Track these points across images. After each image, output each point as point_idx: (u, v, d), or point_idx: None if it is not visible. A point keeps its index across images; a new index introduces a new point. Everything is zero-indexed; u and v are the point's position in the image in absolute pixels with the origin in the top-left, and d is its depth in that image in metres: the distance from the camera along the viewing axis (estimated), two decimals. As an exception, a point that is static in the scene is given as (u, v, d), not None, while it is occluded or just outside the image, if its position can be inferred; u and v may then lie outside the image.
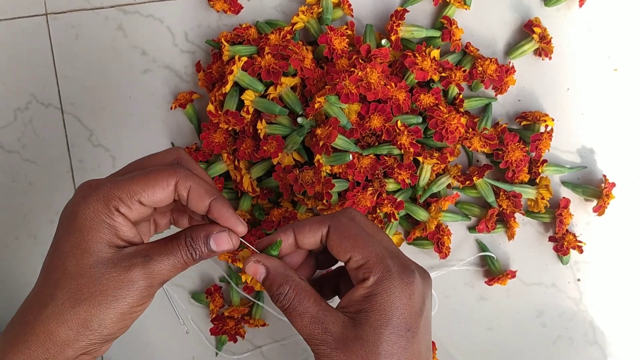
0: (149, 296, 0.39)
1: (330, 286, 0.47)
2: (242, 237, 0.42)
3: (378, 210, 0.58)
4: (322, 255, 0.47)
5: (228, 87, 0.58)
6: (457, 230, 0.63)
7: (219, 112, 0.59)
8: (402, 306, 0.39)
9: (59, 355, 0.38)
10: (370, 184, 0.57)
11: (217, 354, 0.66)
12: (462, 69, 0.59)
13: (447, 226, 0.61)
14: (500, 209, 0.60)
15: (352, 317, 0.40)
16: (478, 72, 0.58)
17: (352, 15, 0.62)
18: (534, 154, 0.60)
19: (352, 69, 0.55)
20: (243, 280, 0.62)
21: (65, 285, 0.38)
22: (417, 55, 0.57)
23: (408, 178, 0.57)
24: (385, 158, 0.58)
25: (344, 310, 0.40)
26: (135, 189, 0.38)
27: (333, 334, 0.39)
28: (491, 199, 0.60)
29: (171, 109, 0.64)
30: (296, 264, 0.45)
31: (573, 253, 0.61)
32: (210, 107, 0.59)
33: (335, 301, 0.44)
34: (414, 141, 0.56)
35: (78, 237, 0.38)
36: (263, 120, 0.58)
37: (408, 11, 0.60)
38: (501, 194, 0.60)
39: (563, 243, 0.60)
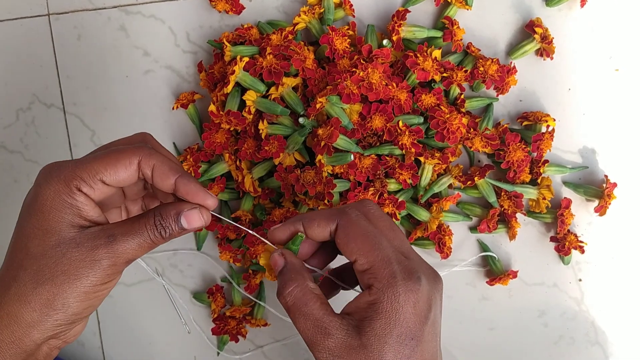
0: (114, 274, 0.39)
1: (352, 276, 0.46)
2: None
3: (379, 211, 0.58)
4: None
5: (230, 87, 0.58)
6: (459, 230, 0.63)
7: (221, 113, 0.59)
8: (407, 314, 0.38)
9: (25, 337, 0.37)
10: (372, 184, 0.57)
11: (218, 353, 0.66)
12: (464, 69, 0.59)
13: (448, 226, 0.61)
14: (502, 209, 0.60)
15: (356, 325, 0.39)
16: (479, 72, 0.58)
17: (354, 16, 0.62)
18: (535, 154, 0.60)
19: (354, 69, 0.55)
20: (262, 275, 0.62)
21: (27, 266, 0.38)
22: (418, 55, 0.57)
23: (409, 178, 0.57)
24: (387, 158, 0.58)
25: (349, 317, 0.40)
26: (98, 168, 0.38)
27: (336, 340, 0.38)
28: (492, 199, 0.60)
29: (173, 109, 0.64)
30: (307, 254, 0.45)
31: (574, 253, 0.61)
32: (212, 108, 0.59)
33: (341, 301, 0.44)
34: (415, 141, 0.56)
35: (40, 217, 0.38)
36: (265, 121, 0.58)
37: (409, 11, 0.60)
38: (502, 194, 0.60)
39: (564, 243, 0.60)
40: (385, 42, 0.58)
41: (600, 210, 0.60)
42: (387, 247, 0.40)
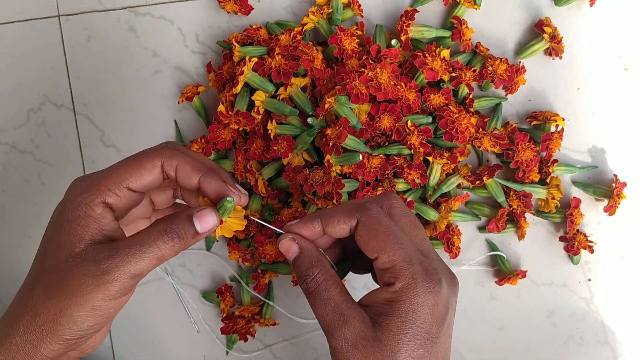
0: (120, 291, 0.37)
1: (364, 264, 0.46)
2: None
3: (388, 210, 0.58)
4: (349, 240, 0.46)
5: (239, 87, 0.58)
6: (467, 230, 0.63)
7: (230, 113, 0.59)
8: (424, 315, 0.38)
9: (37, 350, 0.37)
10: (380, 184, 0.57)
11: (227, 352, 0.66)
12: (472, 68, 0.59)
13: (457, 226, 0.61)
14: (511, 208, 0.60)
15: (373, 318, 0.39)
16: (488, 72, 0.58)
17: (362, 16, 0.62)
18: (544, 153, 0.60)
19: (362, 69, 0.55)
20: (270, 274, 0.62)
21: (41, 279, 0.38)
22: (427, 55, 0.57)
23: (418, 178, 0.58)
24: (395, 158, 0.58)
25: (366, 308, 0.40)
26: (122, 175, 0.38)
27: (352, 328, 0.38)
28: (501, 198, 0.60)
29: (178, 102, 0.64)
30: (324, 246, 0.44)
31: (584, 253, 0.61)
32: (221, 108, 0.60)
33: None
34: (424, 141, 0.56)
35: (57, 231, 0.38)
36: (273, 121, 0.58)
37: (418, 11, 0.60)
38: (511, 193, 0.60)
39: (574, 243, 0.60)
40: (393, 42, 0.58)
41: (610, 209, 0.59)
42: (408, 246, 0.40)
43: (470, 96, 0.60)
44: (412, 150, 0.57)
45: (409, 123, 0.56)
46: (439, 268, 0.41)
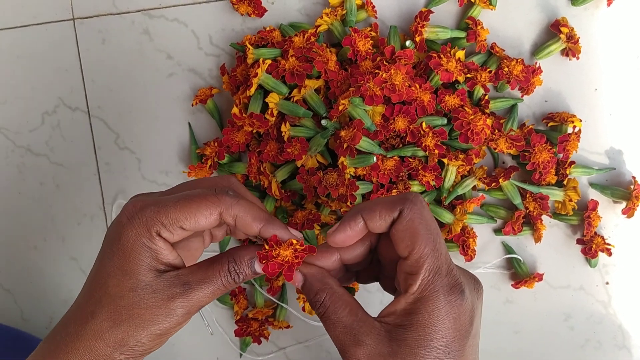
0: (186, 320, 0.40)
1: (369, 273, 0.45)
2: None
3: (403, 213, 0.57)
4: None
5: (252, 89, 0.58)
6: (483, 232, 0.62)
7: (244, 115, 0.59)
8: (445, 329, 0.37)
9: (113, 357, 0.39)
10: (395, 186, 0.57)
11: (241, 355, 0.66)
12: (488, 69, 0.58)
13: (472, 228, 0.61)
14: (527, 211, 0.60)
15: (389, 330, 0.38)
16: (504, 72, 0.58)
17: (376, 17, 0.62)
18: (561, 155, 0.59)
19: (376, 71, 0.55)
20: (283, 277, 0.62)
21: (105, 304, 0.39)
22: (442, 56, 0.57)
23: (433, 180, 0.57)
24: (410, 160, 0.58)
25: (383, 321, 0.39)
26: (178, 217, 0.39)
27: (365, 347, 0.37)
28: (517, 201, 0.59)
29: (192, 105, 0.64)
30: (331, 267, 0.43)
31: (601, 256, 0.60)
32: (235, 110, 0.60)
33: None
34: (438, 143, 0.56)
35: (120, 258, 0.39)
36: (287, 123, 0.58)
37: (432, 12, 0.60)
38: (528, 196, 0.59)
39: (591, 245, 0.59)
40: (408, 43, 0.58)
41: (628, 212, 0.59)
42: (443, 253, 0.38)
43: (486, 97, 0.59)
44: (427, 152, 0.57)
45: (424, 125, 0.56)
46: (462, 277, 0.39)
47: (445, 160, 0.57)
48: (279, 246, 0.40)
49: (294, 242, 0.40)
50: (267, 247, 0.40)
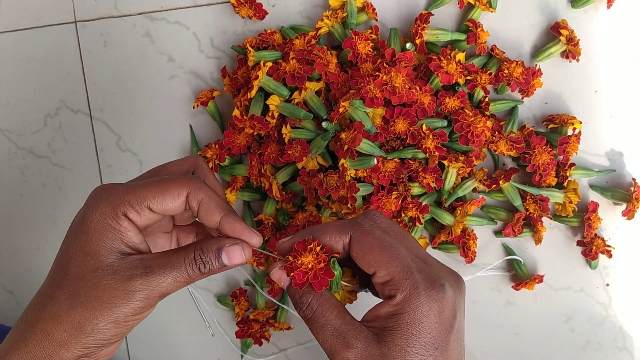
0: (147, 307, 0.38)
1: (361, 280, 0.45)
2: (265, 247, 0.41)
3: (403, 215, 0.57)
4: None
5: (253, 92, 0.58)
6: (483, 234, 0.62)
7: (245, 117, 0.59)
8: (431, 324, 0.37)
9: (55, 355, 0.38)
10: (395, 187, 0.57)
11: (242, 356, 0.66)
12: (488, 71, 0.58)
13: (472, 230, 0.61)
14: (527, 213, 0.60)
15: (377, 333, 0.38)
16: (504, 74, 0.58)
17: (377, 20, 0.62)
18: (561, 157, 0.59)
19: (377, 73, 0.55)
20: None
21: (65, 286, 0.38)
22: (442, 58, 0.57)
23: (433, 182, 0.57)
24: (410, 162, 0.58)
25: (368, 325, 0.39)
26: (146, 195, 0.38)
27: (355, 350, 0.38)
28: (518, 202, 0.59)
29: (194, 107, 0.64)
30: None
31: (602, 257, 0.60)
32: (236, 112, 0.60)
33: (362, 307, 0.44)
34: (439, 145, 0.56)
35: (83, 239, 0.38)
36: (288, 125, 0.58)
37: (433, 14, 0.60)
38: (528, 197, 0.60)
39: (592, 247, 0.59)
40: (408, 45, 0.58)
41: (628, 214, 0.59)
42: (406, 255, 0.39)
43: (486, 99, 0.59)
44: (427, 154, 0.57)
45: (424, 127, 0.56)
46: (441, 272, 0.40)
47: (445, 162, 0.57)
48: (300, 255, 0.39)
49: (313, 245, 0.39)
50: (290, 258, 0.39)
